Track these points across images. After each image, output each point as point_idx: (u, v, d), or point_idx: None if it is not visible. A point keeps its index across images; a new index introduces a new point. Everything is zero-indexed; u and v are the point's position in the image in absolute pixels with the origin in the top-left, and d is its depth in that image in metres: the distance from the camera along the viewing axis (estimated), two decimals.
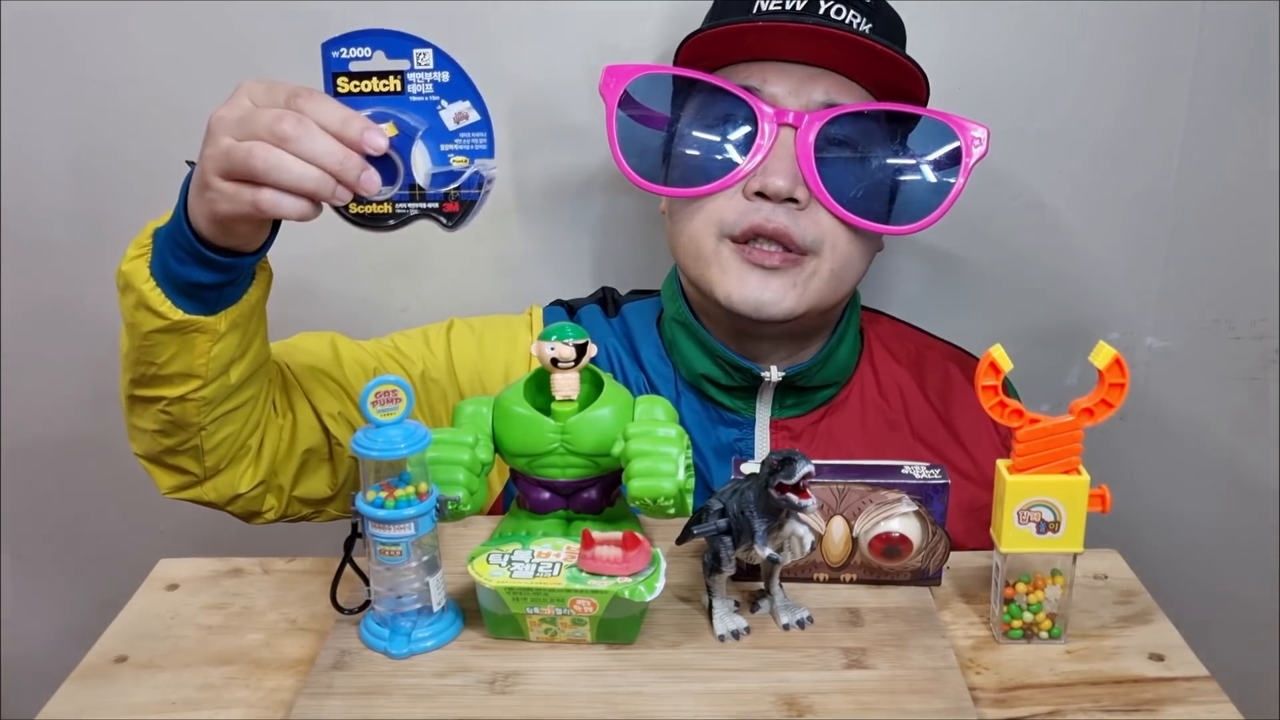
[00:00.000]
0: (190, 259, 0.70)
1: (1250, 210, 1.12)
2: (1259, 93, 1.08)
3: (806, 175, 0.83)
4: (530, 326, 0.96)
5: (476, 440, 0.71)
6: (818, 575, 0.73)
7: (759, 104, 0.83)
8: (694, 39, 0.86)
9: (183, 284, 0.71)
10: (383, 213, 0.68)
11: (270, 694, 0.64)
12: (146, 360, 0.74)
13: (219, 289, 0.72)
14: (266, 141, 0.65)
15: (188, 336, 0.73)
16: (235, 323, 0.74)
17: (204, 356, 0.74)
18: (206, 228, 0.70)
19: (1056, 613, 0.67)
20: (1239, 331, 1.16)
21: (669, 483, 0.67)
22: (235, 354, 0.75)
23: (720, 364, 0.90)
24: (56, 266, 1.12)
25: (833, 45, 0.82)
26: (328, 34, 0.67)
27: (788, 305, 0.85)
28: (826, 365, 0.91)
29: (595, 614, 0.64)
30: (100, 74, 1.06)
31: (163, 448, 0.79)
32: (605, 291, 1.01)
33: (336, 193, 0.66)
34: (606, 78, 0.86)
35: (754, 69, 0.86)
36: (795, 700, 0.61)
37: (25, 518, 1.21)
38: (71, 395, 1.16)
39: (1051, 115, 1.08)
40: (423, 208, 0.68)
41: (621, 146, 0.86)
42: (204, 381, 0.75)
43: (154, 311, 0.71)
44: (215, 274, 0.71)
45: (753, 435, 0.91)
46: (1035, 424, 0.63)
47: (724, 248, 0.85)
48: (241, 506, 0.84)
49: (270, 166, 0.65)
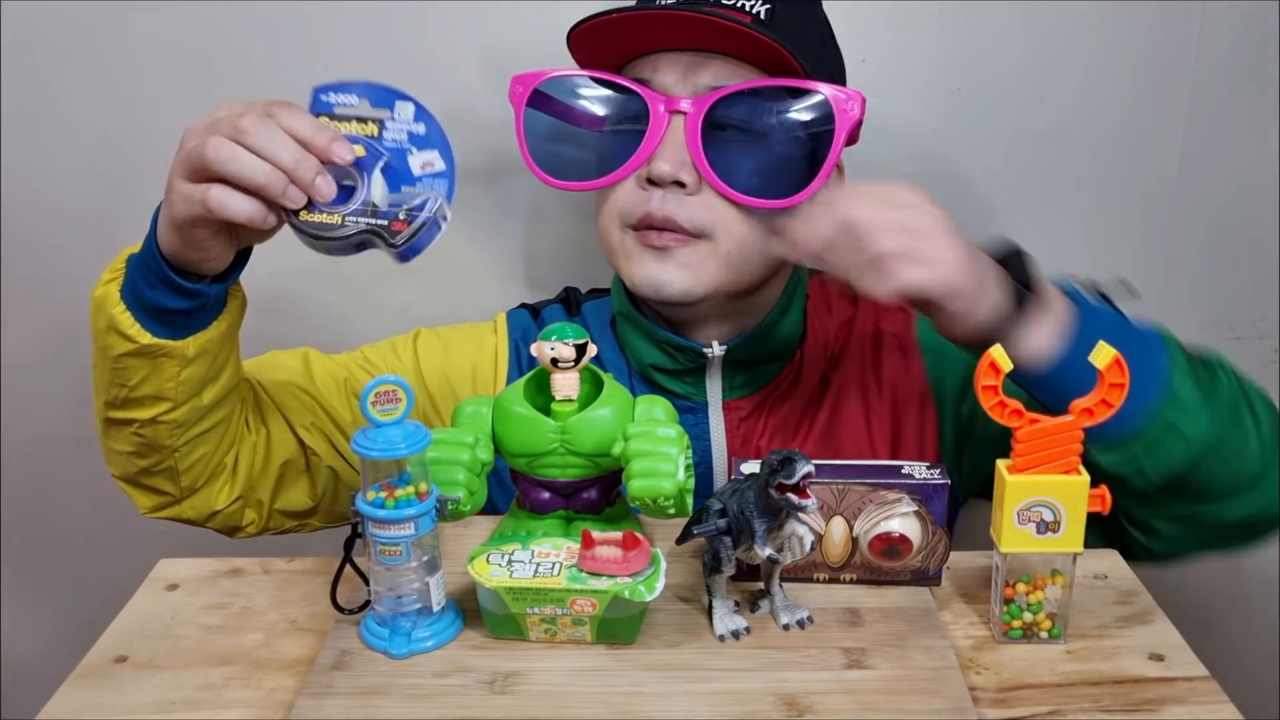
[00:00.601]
0: (160, 283, 0.72)
1: (1250, 210, 1.12)
2: (1259, 93, 1.08)
3: (694, 158, 0.83)
4: (495, 330, 0.98)
5: (476, 440, 0.72)
6: (818, 575, 0.73)
7: (649, 94, 0.84)
8: (584, 34, 0.87)
9: (152, 309, 0.73)
10: (332, 222, 0.68)
11: (270, 694, 0.64)
12: (118, 383, 0.76)
13: (187, 315, 0.74)
14: (225, 137, 0.66)
15: (156, 360, 0.74)
16: (204, 349, 0.75)
17: (173, 380, 0.75)
18: (169, 241, 0.71)
19: (1056, 613, 0.67)
20: (1239, 331, 1.16)
21: (669, 483, 0.67)
22: (206, 377, 0.77)
23: (664, 349, 0.91)
24: (57, 266, 1.12)
25: (717, 30, 0.83)
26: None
27: (683, 286, 0.85)
28: (769, 337, 0.91)
29: (595, 614, 0.64)
30: (100, 74, 1.06)
31: (138, 469, 0.81)
32: (568, 291, 1.02)
33: (288, 192, 0.67)
34: (513, 85, 0.88)
35: (646, 61, 0.87)
36: (795, 700, 0.61)
37: (25, 518, 1.21)
38: (71, 396, 1.15)
39: (1051, 115, 1.08)
40: (371, 223, 0.68)
41: (532, 149, 0.88)
42: (174, 404, 0.76)
43: (123, 335, 0.73)
44: (183, 299, 0.72)
45: (706, 419, 0.92)
46: (1035, 424, 0.63)
47: (626, 237, 0.87)
48: (220, 522, 0.87)
49: (222, 158, 0.66)
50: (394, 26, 1.05)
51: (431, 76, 1.05)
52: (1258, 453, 0.77)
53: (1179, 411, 0.73)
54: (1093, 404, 0.63)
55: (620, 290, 0.94)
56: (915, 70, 1.07)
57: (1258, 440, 0.77)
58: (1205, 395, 0.75)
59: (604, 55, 0.89)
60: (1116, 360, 0.62)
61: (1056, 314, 0.74)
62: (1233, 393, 0.77)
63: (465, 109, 1.06)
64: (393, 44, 1.05)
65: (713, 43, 0.85)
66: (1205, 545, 0.84)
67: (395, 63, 1.05)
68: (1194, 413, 0.74)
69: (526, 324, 0.98)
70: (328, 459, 0.89)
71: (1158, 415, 0.73)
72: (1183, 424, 0.73)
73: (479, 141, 1.04)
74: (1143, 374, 0.72)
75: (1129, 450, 0.74)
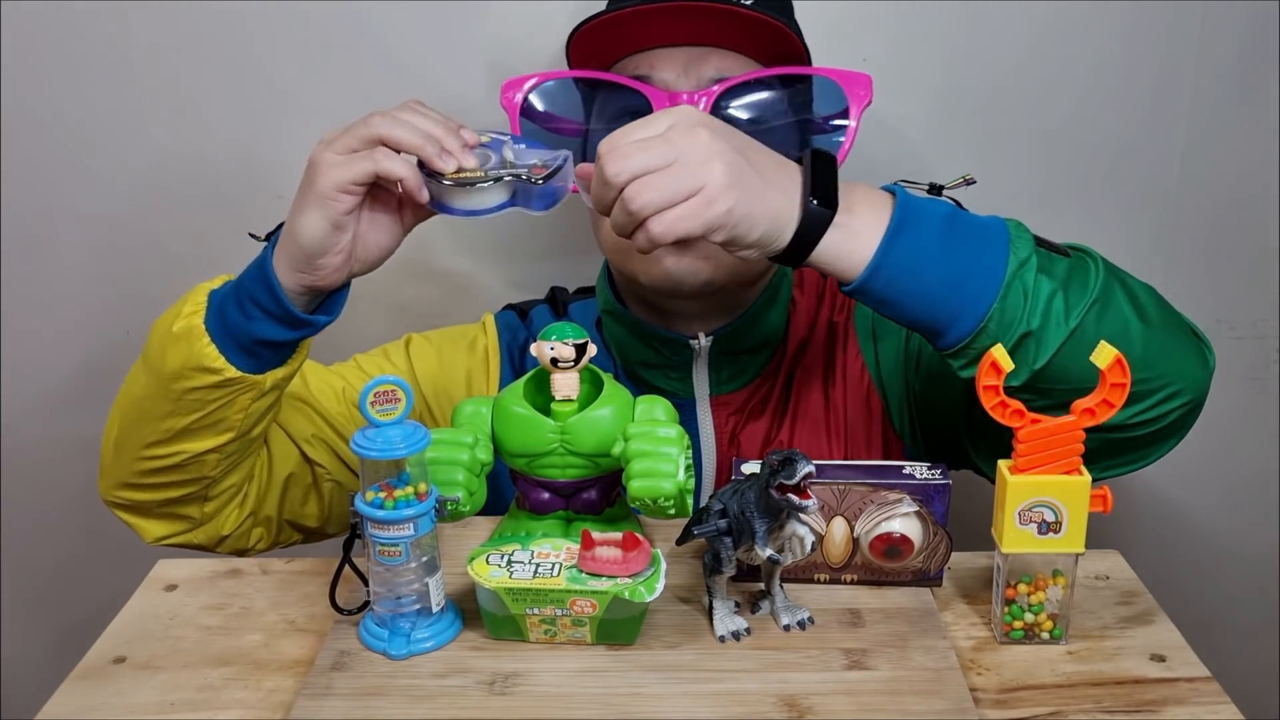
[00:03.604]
0: (264, 315, 0.74)
1: (1250, 210, 1.12)
2: (1259, 93, 1.08)
3: None
4: (484, 331, 0.97)
5: (476, 440, 0.71)
6: (818, 576, 0.73)
7: (651, 90, 0.84)
8: (582, 36, 0.86)
9: (248, 341, 0.75)
10: (476, 176, 0.73)
11: (269, 695, 0.64)
12: (180, 414, 0.76)
13: (280, 348, 0.76)
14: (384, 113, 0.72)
15: (232, 392, 0.76)
16: (278, 384, 0.78)
17: (242, 412, 0.77)
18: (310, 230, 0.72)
19: (1058, 613, 0.67)
20: (1239, 331, 1.16)
21: (669, 483, 0.67)
22: (267, 410, 0.79)
23: (651, 344, 0.91)
24: (57, 266, 1.12)
25: (713, 22, 0.83)
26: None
27: (705, 276, 0.84)
28: (754, 327, 0.91)
29: (595, 615, 0.64)
30: (100, 74, 1.06)
31: (165, 499, 0.81)
32: (554, 291, 1.02)
33: (441, 155, 0.72)
34: (505, 91, 0.88)
35: (642, 58, 0.87)
36: (796, 701, 0.61)
37: (25, 518, 1.21)
38: (72, 396, 1.16)
39: (1051, 115, 1.08)
40: (513, 171, 0.74)
41: None
42: (236, 435, 0.78)
43: (207, 369, 0.74)
44: (288, 330, 0.75)
45: (694, 415, 0.91)
46: (1036, 424, 0.63)
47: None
48: (230, 546, 0.87)
49: (387, 124, 0.71)
50: (380, 25, 1.05)
51: (428, 75, 1.06)
52: (1140, 349, 0.70)
53: (1024, 305, 0.68)
54: (1094, 404, 0.63)
55: (606, 287, 0.94)
56: (915, 70, 1.07)
57: (1143, 331, 0.71)
58: (1062, 286, 0.69)
59: (595, 55, 0.88)
60: (1118, 360, 0.62)
61: (874, 209, 0.68)
62: (1100, 286, 0.70)
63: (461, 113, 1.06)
64: (387, 43, 1.05)
65: (710, 35, 0.84)
66: (1110, 458, 0.75)
67: (391, 62, 1.05)
68: (1044, 307, 0.68)
69: (515, 324, 0.98)
70: (335, 472, 0.89)
71: (995, 312, 0.67)
72: (1030, 320, 0.68)
73: None
74: (981, 269, 0.68)
75: (975, 349, 0.68)
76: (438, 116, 0.74)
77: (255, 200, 1.07)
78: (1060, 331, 0.68)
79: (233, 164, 1.08)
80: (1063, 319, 0.68)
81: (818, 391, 0.93)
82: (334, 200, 0.71)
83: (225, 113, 1.07)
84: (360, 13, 1.04)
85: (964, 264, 0.68)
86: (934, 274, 0.66)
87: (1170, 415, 0.73)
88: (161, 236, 1.10)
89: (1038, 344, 0.68)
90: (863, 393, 0.92)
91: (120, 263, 1.11)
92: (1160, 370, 0.71)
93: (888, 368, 0.92)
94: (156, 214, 1.10)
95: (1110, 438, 0.72)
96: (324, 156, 0.72)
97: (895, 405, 0.92)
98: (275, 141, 1.07)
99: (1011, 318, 0.68)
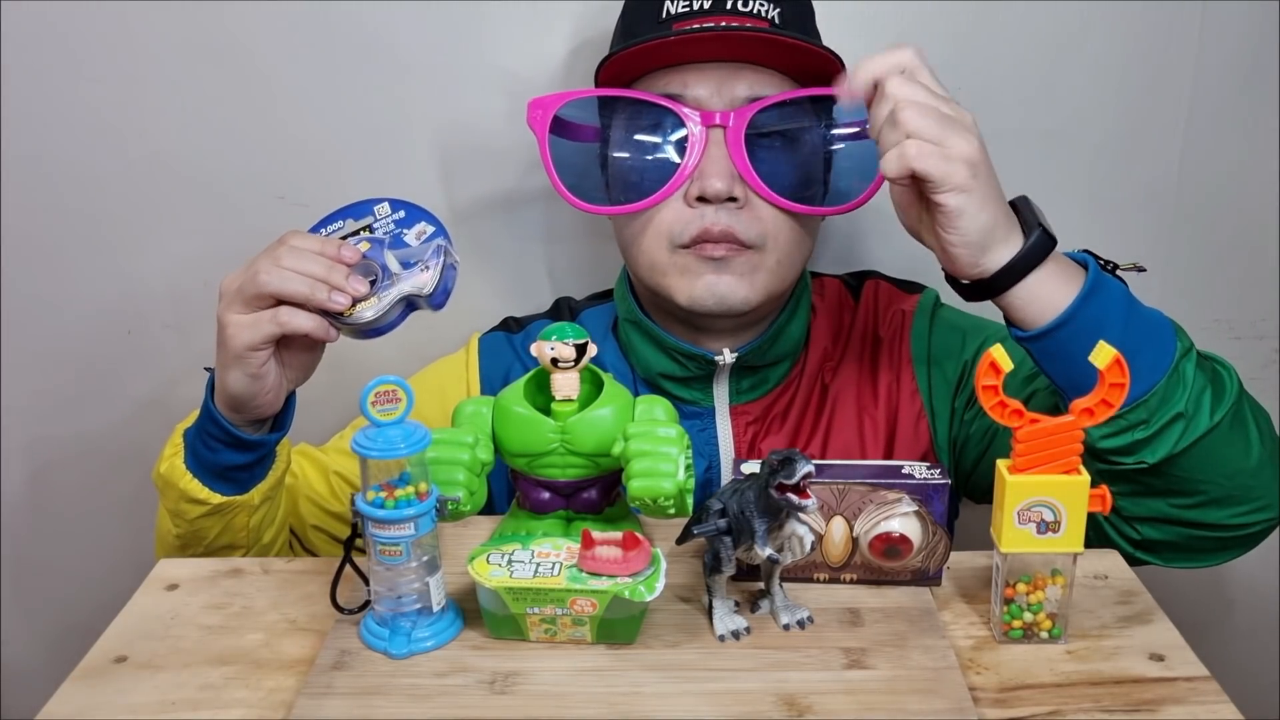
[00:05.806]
0: (222, 445, 0.79)
1: (1250, 210, 1.12)
2: (1259, 93, 1.08)
3: (742, 172, 0.83)
4: (466, 363, 0.98)
5: (476, 440, 0.71)
6: (818, 575, 0.73)
7: (684, 110, 0.83)
8: (612, 60, 0.86)
9: (219, 470, 0.81)
10: (372, 305, 0.77)
11: (270, 694, 0.64)
12: (197, 537, 0.83)
13: (250, 469, 0.81)
14: (269, 263, 0.75)
15: (227, 515, 0.82)
16: (266, 495, 0.83)
17: (244, 529, 0.83)
18: (231, 390, 0.77)
19: (1057, 613, 0.67)
20: (1239, 331, 1.16)
21: (669, 483, 0.67)
22: (267, 520, 0.85)
23: (674, 356, 0.91)
24: (57, 266, 1.12)
25: (745, 41, 0.83)
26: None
27: (743, 295, 0.85)
28: (778, 341, 0.91)
29: (595, 614, 0.64)
30: (100, 74, 1.06)
31: None
32: (562, 301, 1.03)
33: (332, 296, 0.75)
34: (532, 110, 0.87)
35: (673, 75, 0.86)
36: (795, 700, 0.61)
37: (25, 518, 1.21)
38: (71, 395, 1.16)
39: (1051, 115, 1.08)
40: (403, 288, 0.77)
41: (560, 174, 0.88)
42: (246, 548, 0.85)
43: (196, 501, 0.81)
44: (246, 454, 0.80)
45: (714, 424, 0.92)
46: (1035, 424, 0.63)
47: (677, 256, 0.86)
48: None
49: (274, 281, 0.74)
50: (382, 25, 1.05)
51: (429, 76, 1.06)
52: (1256, 461, 0.76)
53: (1182, 390, 0.73)
54: (1093, 404, 0.63)
55: (627, 296, 0.94)
56: None
57: (1260, 447, 0.76)
58: (1210, 384, 0.74)
59: (621, 72, 0.88)
60: (1117, 360, 0.62)
61: (1067, 267, 0.74)
62: (1237, 393, 0.76)
63: (461, 113, 1.06)
64: (389, 43, 1.05)
65: (740, 53, 0.84)
66: (1183, 552, 0.82)
67: (392, 63, 1.05)
68: (1196, 397, 0.73)
69: (499, 346, 0.98)
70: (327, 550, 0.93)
71: (1160, 389, 0.72)
72: (1185, 404, 0.73)
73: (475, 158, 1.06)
74: (1151, 348, 0.72)
75: (1126, 420, 0.73)
76: (318, 249, 0.76)
77: (255, 200, 1.08)
78: (1205, 422, 0.74)
79: (233, 164, 1.08)
80: (1209, 412, 0.74)
81: (850, 406, 0.94)
82: (248, 359, 0.76)
83: (226, 113, 1.07)
84: (361, 13, 1.04)
85: (1139, 339, 0.72)
86: (1114, 341, 0.67)
87: (1255, 526, 0.79)
88: (162, 236, 1.10)
89: (1186, 427, 0.73)
90: (913, 415, 0.93)
91: (120, 263, 1.11)
92: (1264, 482, 0.78)
93: (939, 394, 0.93)
94: (156, 214, 1.10)
95: (1197, 534, 0.79)
96: (229, 319, 0.76)
97: (942, 431, 0.93)
98: (275, 142, 1.07)
99: (1171, 397, 0.73)
